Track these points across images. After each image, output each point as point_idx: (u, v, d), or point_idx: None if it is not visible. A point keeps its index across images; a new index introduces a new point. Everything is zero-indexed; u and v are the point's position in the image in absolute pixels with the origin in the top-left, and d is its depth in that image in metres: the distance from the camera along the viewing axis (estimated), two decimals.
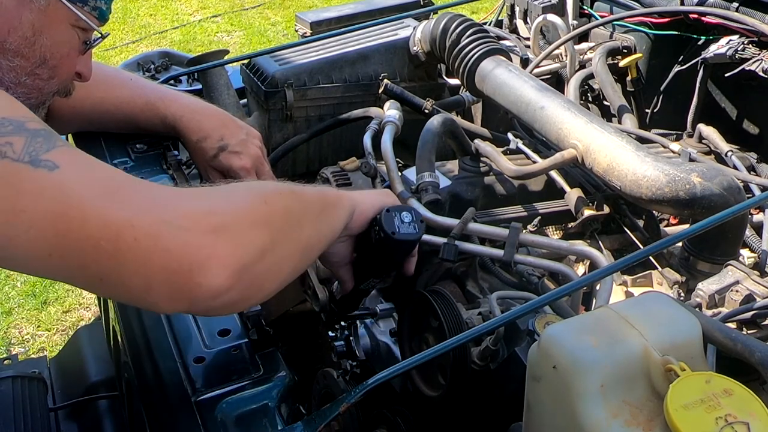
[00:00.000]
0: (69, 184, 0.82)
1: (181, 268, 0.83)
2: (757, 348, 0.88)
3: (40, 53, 1.03)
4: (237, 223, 0.88)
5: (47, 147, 0.82)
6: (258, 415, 1.00)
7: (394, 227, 1.03)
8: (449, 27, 1.74)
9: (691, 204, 1.25)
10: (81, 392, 1.74)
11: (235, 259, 0.85)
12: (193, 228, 0.85)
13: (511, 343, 1.10)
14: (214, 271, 0.83)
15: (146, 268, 0.82)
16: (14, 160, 0.79)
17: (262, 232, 0.89)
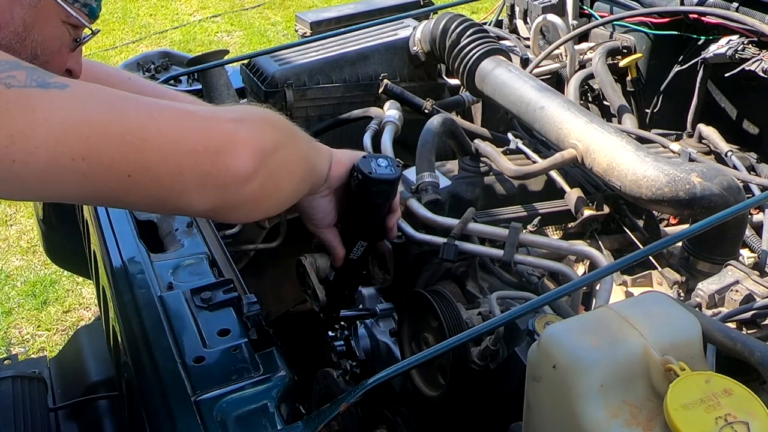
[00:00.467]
0: (83, 95, 0.84)
1: (208, 150, 0.86)
2: (757, 348, 0.88)
3: (31, 49, 1.04)
4: (252, 118, 0.95)
5: (50, 75, 0.84)
6: (258, 414, 1.00)
7: (371, 168, 1.07)
8: (449, 27, 1.75)
9: (691, 204, 1.25)
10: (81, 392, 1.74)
11: (256, 144, 0.90)
12: (214, 117, 0.91)
13: (511, 343, 1.10)
14: (239, 151, 0.88)
15: (173, 155, 0.85)
16: (22, 87, 0.80)
17: (273, 130, 0.96)
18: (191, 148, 0.86)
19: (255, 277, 1.78)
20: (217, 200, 0.90)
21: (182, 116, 0.89)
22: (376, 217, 1.16)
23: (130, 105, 0.87)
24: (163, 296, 1.22)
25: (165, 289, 1.24)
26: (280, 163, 0.95)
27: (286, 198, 1.01)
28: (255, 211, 0.97)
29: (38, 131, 0.79)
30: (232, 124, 0.91)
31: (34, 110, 0.80)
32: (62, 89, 0.82)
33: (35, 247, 3.38)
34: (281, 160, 0.95)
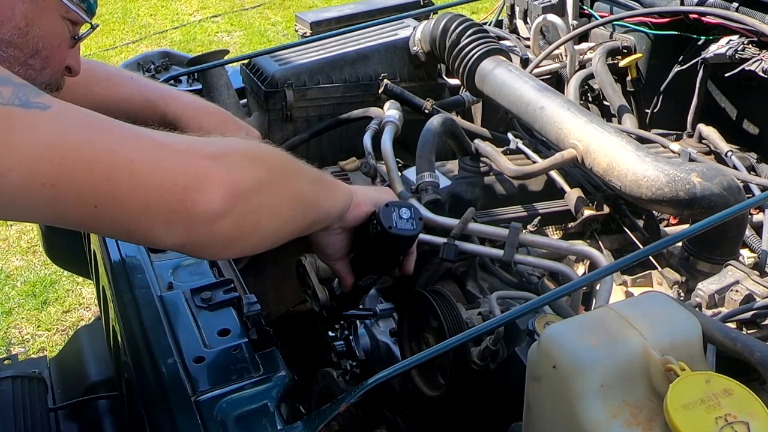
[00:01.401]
0: (62, 119, 0.83)
1: (177, 187, 0.84)
2: (757, 348, 0.88)
3: (32, 44, 1.04)
4: (233, 154, 0.92)
5: (36, 93, 0.83)
6: (258, 414, 1.00)
7: (392, 222, 1.04)
8: (449, 27, 1.75)
9: (691, 204, 1.25)
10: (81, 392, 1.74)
11: (231, 183, 0.87)
12: (190, 151, 0.88)
13: (511, 343, 1.10)
14: (209, 190, 0.85)
15: (142, 188, 0.83)
16: (4, 104, 0.80)
17: (258, 167, 0.92)
18: (160, 183, 0.84)
19: (255, 277, 1.78)
20: (184, 237, 0.87)
21: (157, 148, 0.87)
22: (391, 261, 1.15)
23: (106, 132, 0.85)
24: (163, 296, 1.22)
25: (165, 289, 1.24)
26: (261, 202, 0.92)
27: (269, 236, 0.97)
28: (229, 248, 0.93)
29: (13, 152, 0.78)
30: (207, 161, 0.88)
31: (12, 130, 0.79)
32: (43, 110, 0.82)
33: (35, 247, 3.38)
34: (263, 199, 0.92)
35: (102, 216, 0.84)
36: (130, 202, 0.83)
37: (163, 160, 0.86)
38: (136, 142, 0.86)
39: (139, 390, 1.13)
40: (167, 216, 0.84)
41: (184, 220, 0.85)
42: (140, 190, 0.83)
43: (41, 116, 0.81)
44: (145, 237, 0.87)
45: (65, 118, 0.84)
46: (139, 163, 0.84)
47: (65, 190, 0.81)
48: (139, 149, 0.85)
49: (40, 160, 0.79)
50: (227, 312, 1.18)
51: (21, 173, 0.79)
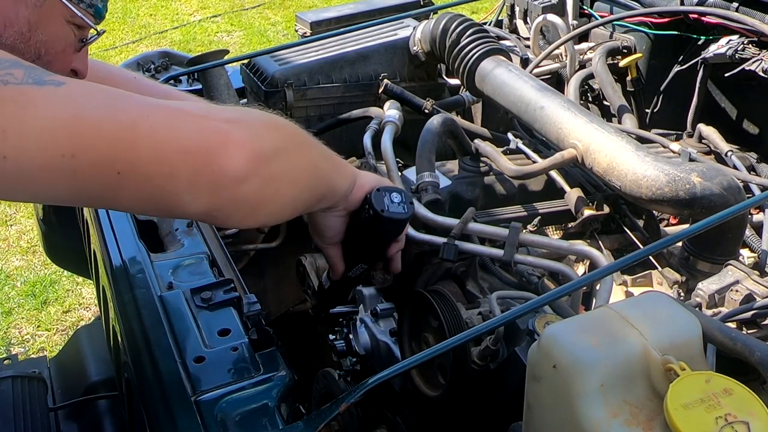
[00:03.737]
0: (78, 93, 0.83)
1: (200, 150, 0.84)
2: (757, 347, 0.88)
3: (35, 48, 1.03)
4: (251, 120, 0.93)
5: (47, 73, 0.83)
6: (258, 414, 1.00)
7: (384, 205, 1.05)
8: (449, 27, 1.75)
9: (691, 204, 1.25)
10: (81, 392, 1.74)
11: (253, 146, 0.87)
12: (209, 116, 0.89)
13: (511, 342, 1.10)
14: (233, 152, 0.85)
15: (165, 152, 0.83)
16: (18, 84, 0.80)
17: (276, 133, 0.93)
18: (183, 147, 0.84)
19: (255, 277, 1.78)
20: (210, 202, 0.87)
21: (176, 114, 0.88)
22: (381, 247, 1.15)
23: (124, 102, 0.86)
24: (163, 296, 1.22)
25: (165, 289, 1.24)
26: (280, 168, 0.92)
27: (287, 206, 0.97)
28: (252, 215, 0.93)
29: (30, 127, 0.79)
30: (227, 124, 0.88)
31: (28, 107, 0.79)
32: (57, 86, 0.82)
33: (35, 247, 3.38)
34: (282, 165, 0.92)
35: (125, 185, 0.83)
36: (153, 167, 0.83)
37: (183, 124, 0.86)
38: (156, 109, 0.86)
39: (139, 390, 1.13)
40: (192, 179, 0.84)
41: (210, 184, 0.85)
42: (163, 154, 0.83)
43: (56, 91, 0.82)
44: (170, 204, 0.87)
45: (81, 92, 0.84)
46: (161, 128, 0.84)
47: (86, 161, 0.80)
48: (159, 115, 0.85)
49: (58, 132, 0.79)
50: (227, 312, 1.18)
51: (40, 146, 0.79)
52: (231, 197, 0.87)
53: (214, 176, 0.85)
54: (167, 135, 0.84)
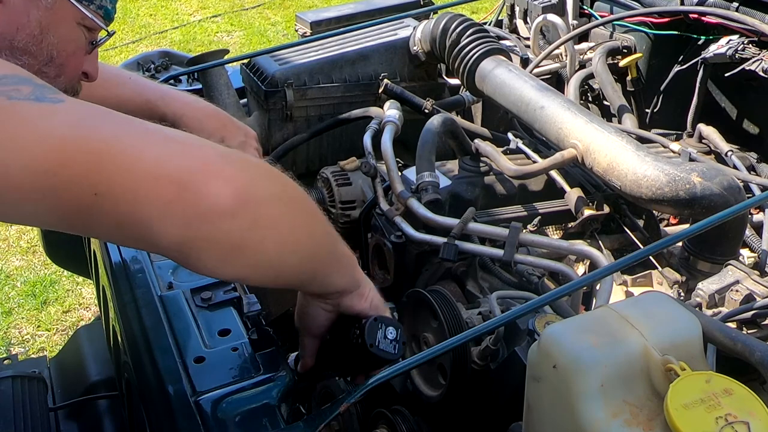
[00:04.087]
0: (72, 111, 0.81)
1: (180, 175, 0.79)
2: (757, 347, 0.88)
3: (47, 51, 1.04)
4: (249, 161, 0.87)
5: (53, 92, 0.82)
6: (258, 414, 1.00)
7: (375, 339, 0.97)
8: (449, 27, 1.75)
9: (692, 204, 1.25)
10: (81, 392, 1.73)
11: (243, 183, 0.81)
12: (202, 147, 0.84)
13: (511, 342, 1.10)
14: (218, 184, 0.79)
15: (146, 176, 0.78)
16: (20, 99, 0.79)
17: (274, 182, 0.87)
18: (164, 173, 0.79)
19: None
20: (184, 235, 0.80)
21: (166, 140, 0.83)
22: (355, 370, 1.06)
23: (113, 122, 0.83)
24: (163, 296, 1.22)
25: (165, 289, 1.24)
26: (271, 216, 0.84)
27: (271, 263, 0.87)
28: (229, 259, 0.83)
29: (17, 142, 0.77)
30: (220, 159, 0.83)
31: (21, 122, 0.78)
32: (54, 103, 0.80)
33: (35, 247, 3.38)
34: (274, 214, 0.84)
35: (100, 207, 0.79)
36: (128, 188, 0.78)
37: (169, 147, 0.82)
38: (145, 133, 0.82)
39: (139, 390, 1.13)
40: (167, 207, 0.79)
41: (185, 214, 0.78)
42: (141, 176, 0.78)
43: (51, 108, 0.80)
44: (142, 233, 0.81)
45: (75, 111, 0.82)
46: (144, 149, 0.80)
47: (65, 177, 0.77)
48: (147, 138, 0.82)
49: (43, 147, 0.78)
50: (227, 312, 1.18)
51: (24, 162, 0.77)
52: (209, 232, 0.80)
53: (192, 207, 0.78)
54: (148, 156, 0.79)
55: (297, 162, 1.85)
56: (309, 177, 1.75)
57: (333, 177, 1.61)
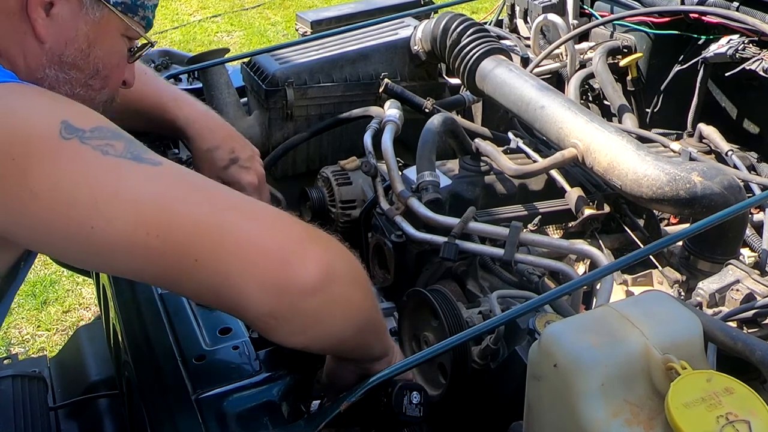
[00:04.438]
0: (172, 175, 0.87)
1: (280, 253, 0.85)
2: (758, 347, 0.88)
3: (93, 64, 1.04)
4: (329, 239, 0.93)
5: (145, 150, 0.87)
6: (259, 413, 1.00)
7: (402, 407, 1.02)
8: (450, 26, 1.75)
9: (692, 203, 1.25)
10: (81, 391, 1.74)
11: (327, 263, 0.87)
12: (292, 223, 0.90)
13: (511, 342, 1.10)
14: (309, 263, 0.86)
15: (246, 249, 0.84)
16: (117, 156, 0.84)
17: (348, 261, 0.93)
18: (264, 247, 0.85)
19: None
20: (273, 307, 0.86)
21: (262, 212, 0.90)
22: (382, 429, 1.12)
23: (215, 191, 0.89)
24: (163, 294, 1.22)
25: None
26: (343, 294, 0.91)
27: (333, 335, 0.93)
28: (302, 332, 0.90)
29: (121, 200, 0.82)
30: (308, 236, 0.89)
31: (122, 180, 0.83)
32: (154, 165, 0.86)
33: None
34: (346, 292, 0.91)
35: (199, 273, 0.84)
36: (230, 260, 0.83)
37: (268, 223, 0.88)
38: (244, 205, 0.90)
39: (139, 389, 1.13)
40: (263, 280, 0.84)
41: (278, 288, 0.84)
42: (244, 251, 0.84)
43: (151, 170, 0.85)
44: (234, 300, 0.86)
45: (175, 174, 0.88)
46: (247, 223, 0.86)
47: (169, 242, 0.83)
48: (246, 209, 0.89)
49: (147, 210, 0.82)
50: None
51: (127, 221, 0.82)
52: (292, 307, 0.86)
53: (285, 282, 0.85)
54: (251, 231, 0.86)
55: (297, 161, 1.85)
56: (309, 176, 1.75)
57: (333, 176, 1.61)
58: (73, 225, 0.82)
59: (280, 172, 1.82)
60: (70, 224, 0.82)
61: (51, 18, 0.98)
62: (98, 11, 1.01)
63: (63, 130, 0.83)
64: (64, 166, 0.82)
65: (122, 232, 0.82)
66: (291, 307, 0.86)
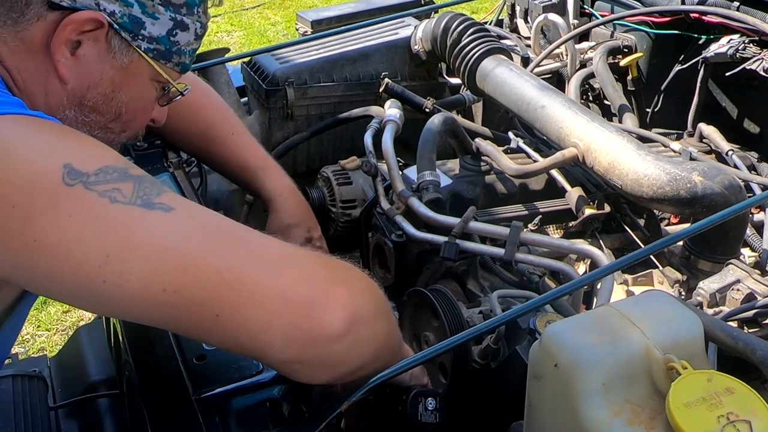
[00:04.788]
0: (186, 223, 0.82)
1: (303, 302, 0.82)
2: (759, 346, 0.88)
3: (116, 108, 1.00)
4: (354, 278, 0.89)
5: (156, 192, 0.81)
6: (260, 413, 1.00)
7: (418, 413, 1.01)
8: (450, 26, 1.75)
9: (692, 203, 1.25)
10: (81, 391, 1.73)
11: (352, 308, 0.84)
12: (314, 266, 0.86)
13: (512, 341, 1.10)
14: (334, 309, 0.82)
15: (268, 301, 0.80)
16: (126, 204, 0.79)
17: (372, 299, 0.89)
18: (287, 297, 0.81)
19: None
20: (298, 355, 0.83)
21: (284, 258, 0.85)
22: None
23: (232, 237, 0.84)
24: None
25: None
26: (367, 334, 0.87)
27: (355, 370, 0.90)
28: (325, 373, 0.87)
29: (135, 255, 0.77)
30: (331, 279, 0.85)
31: (134, 232, 0.78)
32: (166, 212, 0.80)
33: None
34: (369, 332, 0.88)
35: (220, 327, 0.81)
36: (253, 314, 0.80)
37: (290, 271, 0.83)
38: (263, 250, 0.84)
39: (139, 388, 1.13)
40: (288, 331, 0.81)
41: (304, 337, 0.81)
42: (266, 303, 0.80)
43: (164, 219, 0.80)
44: (258, 351, 0.84)
45: (189, 223, 0.82)
46: (268, 274, 0.82)
47: (188, 298, 0.79)
48: (266, 258, 0.83)
49: (162, 265, 0.78)
50: None
51: (142, 278, 0.77)
52: (318, 354, 0.83)
53: (311, 331, 0.81)
54: (273, 282, 0.82)
55: (298, 161, 1.85)
56: (310, 176, 1.75)
57: (334, 176, 1.61)
58: (83, 279, 0.78)
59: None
60: (80, 278, 0.78)
61: (76, 58, 0.94)
62: (127, 56, 0.96)
63: (66, 175, 0.78)
64: (70, 217, 0.77)
65: (137, 288, 0.78)
66: (316, 354, 0.83)
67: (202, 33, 1.03)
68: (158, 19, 0.96)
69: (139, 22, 0.94)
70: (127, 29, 0.94)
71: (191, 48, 1.03)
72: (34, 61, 0.93)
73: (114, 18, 0.93)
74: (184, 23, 0.98)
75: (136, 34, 0.95)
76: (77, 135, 0.87)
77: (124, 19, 0.93)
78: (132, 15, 0.94)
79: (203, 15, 1.02)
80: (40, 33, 0.91)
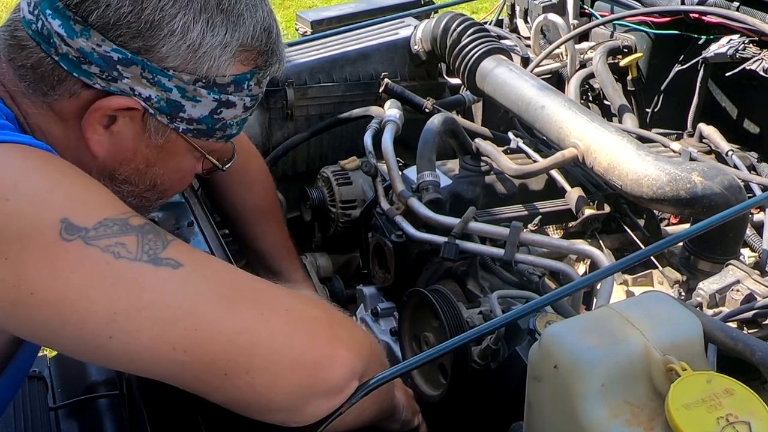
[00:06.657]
0: (195, 281, 0.80)
1: (310, 364, 0.82)
2: (758, 347, 0.88)
3: (150, 180, 0.97)
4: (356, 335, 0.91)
5: (162, 244, 0.79)
6: None
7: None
8: (450, 26, 1.75)
9: (692, 203, 1.25)
10: (81, 391, 1.73)
11: (353, 364, 0.85)
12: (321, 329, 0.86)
13: (511, 342, 1.10)
14: (336, 369, 0.84)
15: (276, 362, 0.81)
16: (132, 260, 0.76)
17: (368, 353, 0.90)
18: (295, 360, 0.82)
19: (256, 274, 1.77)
20: (297, 407, 0.84)
21: (292, 319, 0.84)
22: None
23: (243, 300, 0.83)
24: None
25: None
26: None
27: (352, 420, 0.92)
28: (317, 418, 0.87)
29: (143, 314, 0.76)
30: (335, 338, 0.86)
31: (142, 289, 0.76)
32: (174, 269, 0.78)
33: None
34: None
35: (228, 386, 0.80)
36: (261, 375, 0.80)
37: (300, 333, 0.84)
38: (273, 312, 0.83)
39: (139, 389, 1.13)
40: (292, 390, 0.82)
41: (305, 394, 0.83)
42: (274, 366, 0.81)
43: (173, 277, 0.78)
44: (260, 407, 0.84)
45: (198, 281, 0.80)
46: (278, 336, 0.82)
47: (197, 358, 0.78)
48: (276, 321, 0.83)
49: (171, 326, 0.77)
50: None
51: (152, 336, 0.76)
52: (316, 408, 0.84)
53: (312, 389, 0.83)
54: (283, 345, 0.82)
55: (297, 161, 1.85)
56: (309, 176, 1.75)
57: (333, 176, 1.61)
58: (88, 334, 0.76)
59: (280, 172, 1.82)
60: (85, 333, 0.76)
61: (110, 133, 0.90)
62: (163, 137, 0.93)
63: (63, 230, 0.75)
64: (72, 273, 0.75)
65: (145, 346, 0.76)
66: (315, 408, 0.84)
67: (252, 104, 0.98)
68: (200, 101, 0.91)
69: (178, 105, 0.90)
70: (164, 113, 0.90)
71: (239, 119, 0.98)
72: (62, 128, 0.90)
73: (150, 103, 0.89)
74: (230, 102, 0.93)
75: (173, 117, 0.91)
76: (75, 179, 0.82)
77: (161, 104, 0.89)
78: (170, 99, 0.89)
79: (255, 86, 0.96)
80: (72, 107, 0.89)
